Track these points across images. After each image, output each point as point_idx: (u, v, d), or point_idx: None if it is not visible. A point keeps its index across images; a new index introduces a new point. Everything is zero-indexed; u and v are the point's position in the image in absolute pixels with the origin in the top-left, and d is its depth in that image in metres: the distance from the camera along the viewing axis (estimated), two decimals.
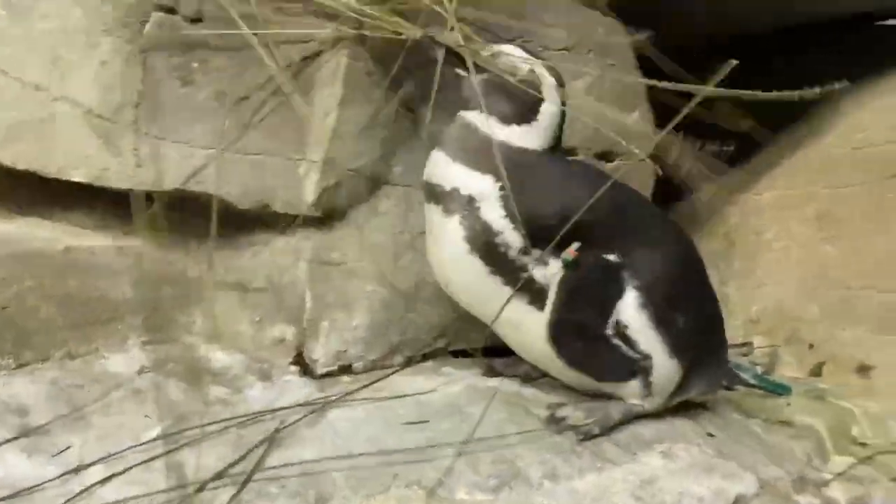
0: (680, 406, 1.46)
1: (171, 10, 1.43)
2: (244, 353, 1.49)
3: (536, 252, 1.31)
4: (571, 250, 1.30)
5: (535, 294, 1.33)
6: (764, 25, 2.27)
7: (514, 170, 1.31)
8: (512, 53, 1.38)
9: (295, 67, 1.45)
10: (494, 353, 1.55)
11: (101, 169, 1.41)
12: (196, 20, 1.44)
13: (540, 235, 1.30)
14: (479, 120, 1.35)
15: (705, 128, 1.60)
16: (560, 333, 1.34)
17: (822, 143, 2.13)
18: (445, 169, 1.36)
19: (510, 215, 1.30)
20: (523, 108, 1.36)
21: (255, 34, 1.40)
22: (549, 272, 1.32)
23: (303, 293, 1.48)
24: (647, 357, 1.36)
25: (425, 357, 1.56)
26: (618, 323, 1.34)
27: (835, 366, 2.08)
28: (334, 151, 1.45)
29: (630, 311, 1.34)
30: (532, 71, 1.36)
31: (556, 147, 1.41)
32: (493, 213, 1.31)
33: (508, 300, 1.33)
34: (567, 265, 1.31)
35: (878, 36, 2.16)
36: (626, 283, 1.34)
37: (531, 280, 1.32)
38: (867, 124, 2.03)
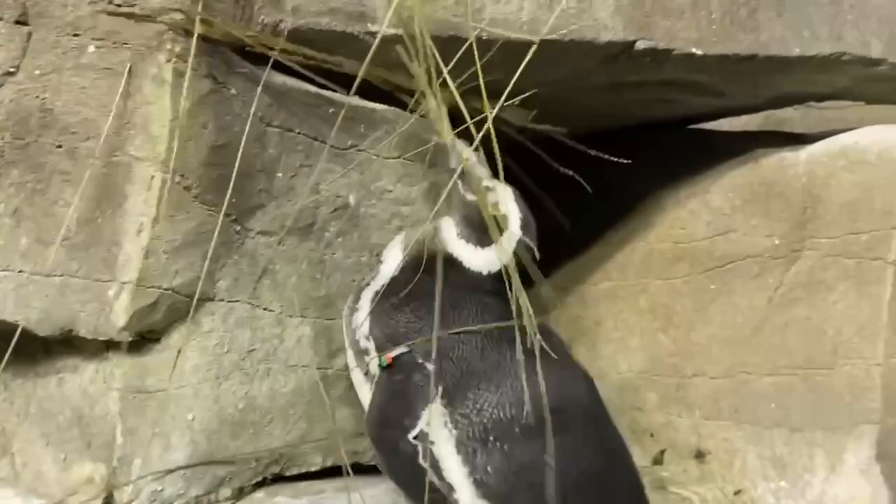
0: None
1: None
2: (46, 497, 1.33)
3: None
4: (388, 356, 1.35)
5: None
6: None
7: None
8: (500, 194, 1.41)
9: None
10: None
11: None
12: None
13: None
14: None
15: None
16: (370, 428, 1.35)
17: (647, 238, 2.25)
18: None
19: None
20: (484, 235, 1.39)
21: None
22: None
23: (114, 426, 1.34)
24: (451, 489, 1.28)
25: (258, 486, 1.45)
26: (421, 432, 1.28)
27: (674, 452, 2.15)
28: (148, 270, 1.35)
29: (435, 424, 1.27)
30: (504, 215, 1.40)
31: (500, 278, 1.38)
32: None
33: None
34: (381, 366, 1.36)
35: (690, 138, 2.35)
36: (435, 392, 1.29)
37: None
38: (686, 221, 2.17)
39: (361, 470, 1.51)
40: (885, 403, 1.79)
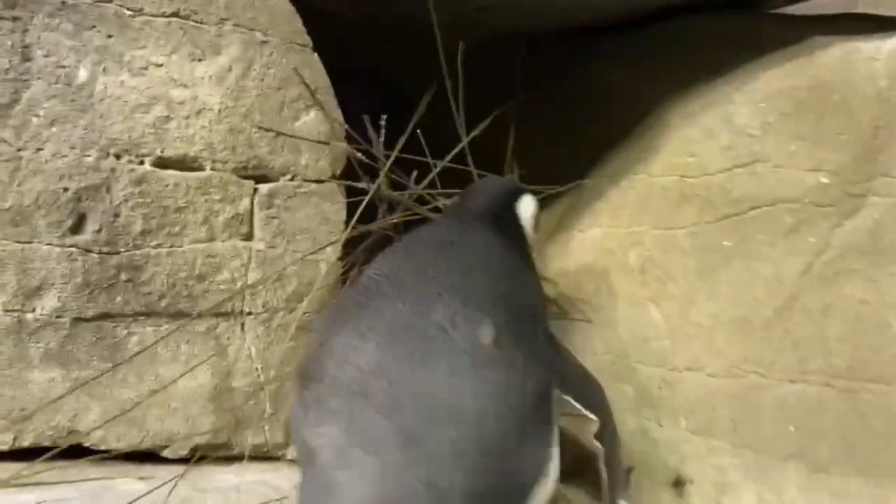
0: None
1: None
2: None
3: None
4: None
5: None
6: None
7: None
8: None
9: None
10: None
11: None
12: None
13: None
14: None
15: None
16: None
17: (650, 167, 1.58)
18: None
19: None
20: None
21: None
22: None
23: None
24: None
25: None
26: None
27: (644, 474, 1.53)
28: None
29: None
30: None
31: None
32: None
33: None
34: None
35: (726, 26, 1.61)
36: None
37: None
38: (697, 145, 1.48)
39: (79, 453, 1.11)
40: None
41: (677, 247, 1.53)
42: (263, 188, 1.19)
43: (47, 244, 1.04)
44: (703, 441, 1.45)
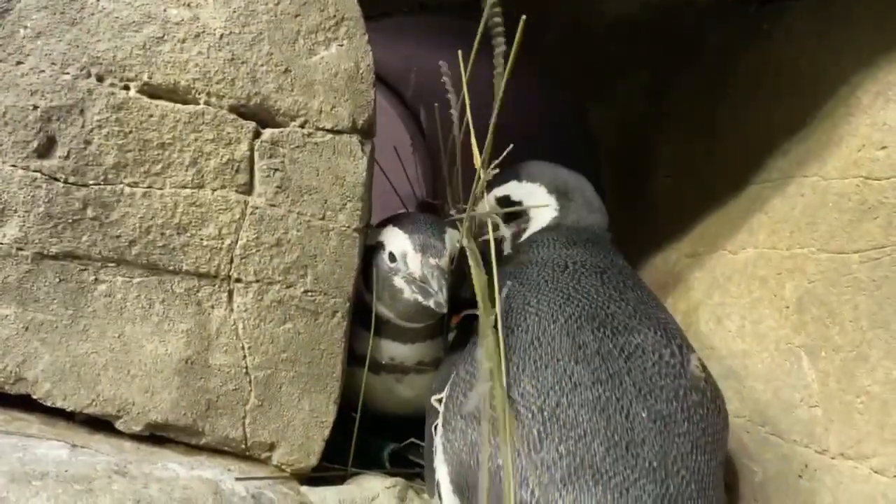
0: None
1: None
2: None
3: None
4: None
5: None
6: None
7: None
8: None
9: None
10: None
11: None
12: None
13: None
14: None
15: None
16: None
17: (824, 165, 1.13)
18: None
19: None
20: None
21: None
22: None
23: None
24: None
25: None
26: None
27: None
28: None
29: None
30: None
31: None
32: None
33: None
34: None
35: None
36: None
37: None
38: (890, 133, 1.01)
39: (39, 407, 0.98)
40: None
41: (850, 277, 1.07)
42: (266, 133, 1.00)
43: (11, 165, 0.95)
44: None
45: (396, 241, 1.13)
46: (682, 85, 1.54)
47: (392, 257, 1.13)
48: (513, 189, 1.32)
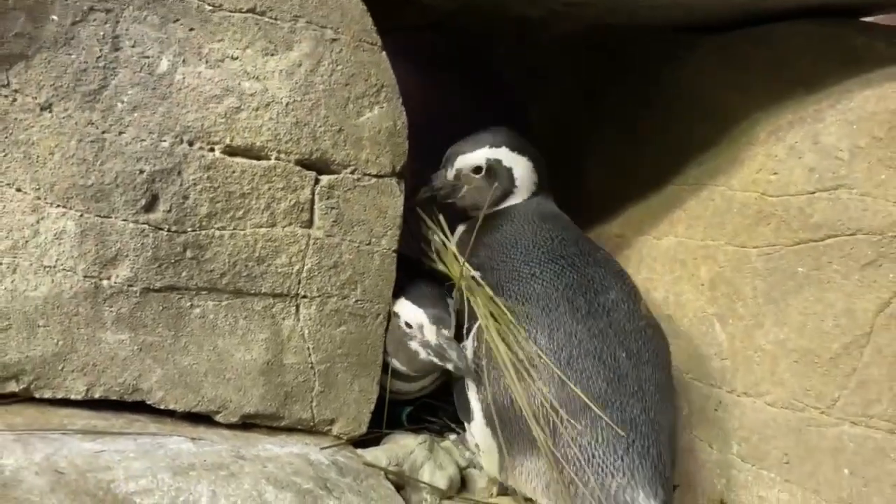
0: None
1: None
2: None
3: None
4: None
5: None
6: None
7: None
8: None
9: None
10: None
11: None
12: None
13: None
14: None
15: None
16: None
17: (731, 180, 1.51)
18: None
19: None
20: None
21: None
22: None
23: None
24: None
25: None
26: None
27: (689, 493, 1.49)
28: None
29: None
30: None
31: None
32: None
33: None
34: None
35: (818, 35, 1.48)
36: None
37: None
38: (780, 163, 1.40)
39: (145, 409, 1.23)
40: None
41: (750, 266, 1.47)
42: (324, 179, 1.25)
43: (123, 220, 1.15)
44: (752, 470, 1.41)
45: (412, 313, 1.38)
46: (613, 94, 1.87)
47: (408, 325, 1.38)
48: (504, 155, 1.59)
